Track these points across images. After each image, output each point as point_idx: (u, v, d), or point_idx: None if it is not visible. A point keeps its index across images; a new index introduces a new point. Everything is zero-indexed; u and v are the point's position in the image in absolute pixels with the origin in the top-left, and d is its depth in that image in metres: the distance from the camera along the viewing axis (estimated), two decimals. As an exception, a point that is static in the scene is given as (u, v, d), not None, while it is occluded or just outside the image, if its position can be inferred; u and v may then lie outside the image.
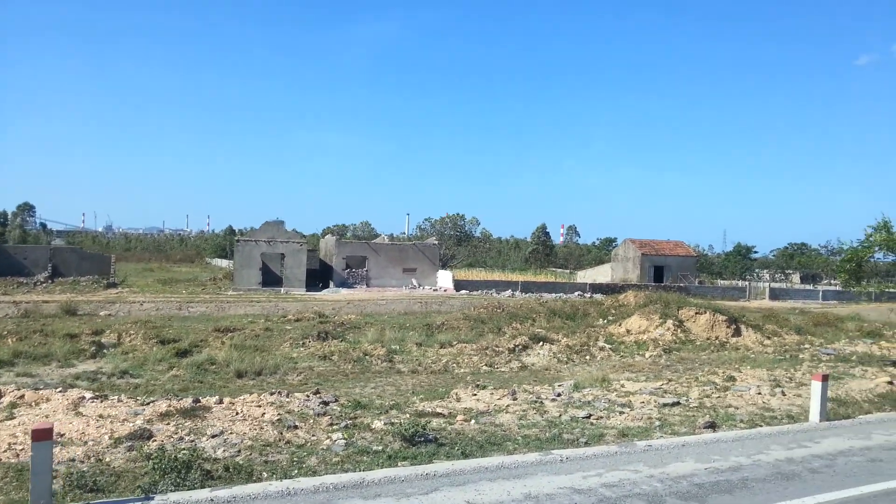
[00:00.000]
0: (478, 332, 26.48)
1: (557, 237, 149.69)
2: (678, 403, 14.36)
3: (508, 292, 53.62)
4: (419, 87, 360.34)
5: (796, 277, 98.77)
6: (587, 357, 23.45)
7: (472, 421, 12.46)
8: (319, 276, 56.72)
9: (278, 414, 12.48)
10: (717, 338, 27.18)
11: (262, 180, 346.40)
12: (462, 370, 20.66)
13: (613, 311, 31.98)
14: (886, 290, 21.52)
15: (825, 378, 12.55)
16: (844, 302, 54.60)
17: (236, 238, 55.72)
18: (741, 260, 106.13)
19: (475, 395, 15.37)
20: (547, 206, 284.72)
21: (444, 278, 56.94)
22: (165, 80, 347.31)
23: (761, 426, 12.52)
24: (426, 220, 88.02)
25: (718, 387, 16.59)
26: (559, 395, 15.28)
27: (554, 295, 51.90)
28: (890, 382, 18.26)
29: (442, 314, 34.13)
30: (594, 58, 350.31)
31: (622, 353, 24.52)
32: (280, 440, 10.96)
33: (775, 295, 64.77)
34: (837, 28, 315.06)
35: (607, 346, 25.21)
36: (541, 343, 24.16)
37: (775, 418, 13.24)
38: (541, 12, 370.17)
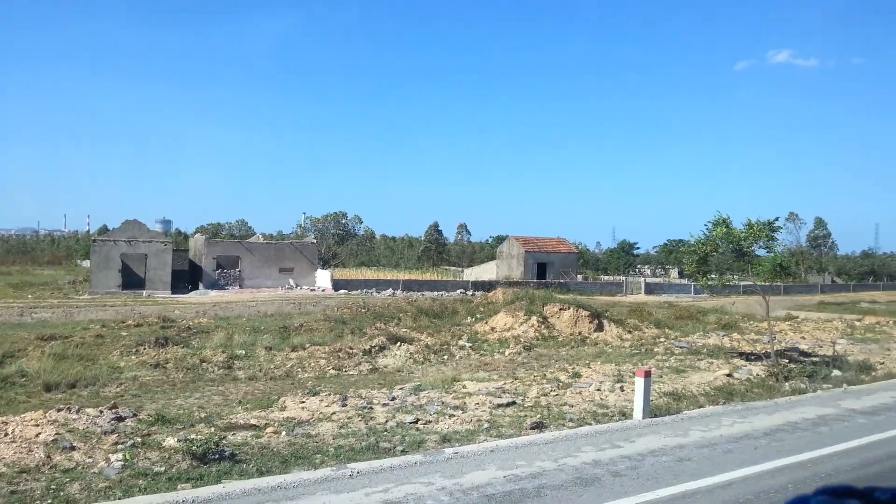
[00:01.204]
0: (337, 333, 25.29)
1: (453, 236, 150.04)
2: (513, 403, 13.83)
3: (389, 291, 52.65)
4: (312, 85, 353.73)
5: (675, 272, 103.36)
6: (445, 357, 22.78)
7: (284, 433, 11.38)
8: (189, 278, 53.65)
9: (56, 433, 10.96)
10: (579, 333, 27.23)
11: (146, 180, 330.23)
12: (306, 375, 19.44)
13: (482, 309, 31.61)
14: (728, 283, 21.94)
15: (647, 374, 12.31)
16: (714, 295, 56.99)
17: (93, 238, 51.74)
18: (624, 256, 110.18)
19: (303, 402, 14.25)
20: (443, 205, 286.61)
21: (323, 278, 55.16)
22: (44, 79, 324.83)
23: (591, 424, 12.11)
24: (307, 218, 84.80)
25: (562, 384, 16.22)
26: (393, 399, 14.43)
27: (435, 293, 51.37)
28: (729, 375, 18.55)
29: (309, 315, 32.70)
30: (485, 59, 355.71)
31: (483, 352, 24.03)
32: (45, 464, 9.53)
33: (650, 290, 67.16)
34: (717, 33, 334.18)
35: (468, 344, 24.66)
36: (399, 343, 23.27)
37: (607, 415, 12.89)
38: (433, 10, 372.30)
